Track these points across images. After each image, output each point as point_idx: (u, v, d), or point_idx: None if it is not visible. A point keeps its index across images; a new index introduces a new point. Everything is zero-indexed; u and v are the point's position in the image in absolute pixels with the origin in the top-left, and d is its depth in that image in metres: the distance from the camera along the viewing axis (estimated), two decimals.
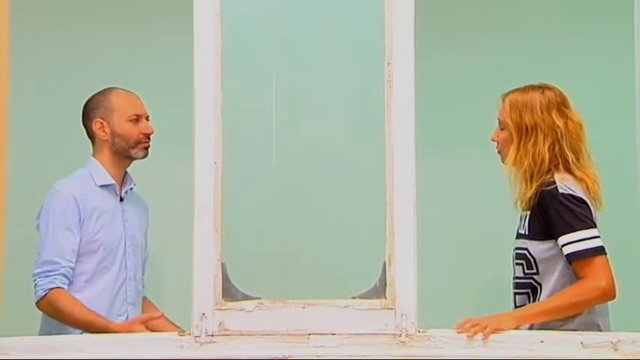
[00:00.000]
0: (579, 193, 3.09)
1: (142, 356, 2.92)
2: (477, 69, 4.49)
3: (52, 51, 4.48)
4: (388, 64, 2.99)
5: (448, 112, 4.45)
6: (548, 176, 3.12)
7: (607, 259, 3.06)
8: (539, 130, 3.15)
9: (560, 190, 3.08)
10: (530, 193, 3.12)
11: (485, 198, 3.71)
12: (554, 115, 3.16)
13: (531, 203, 3.13)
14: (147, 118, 3.55)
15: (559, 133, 3.15)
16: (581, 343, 2.95)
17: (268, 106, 3.45)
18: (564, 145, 3.15)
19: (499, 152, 3.27)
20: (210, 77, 2.99)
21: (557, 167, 3.14)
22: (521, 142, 3.16)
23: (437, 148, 4.22)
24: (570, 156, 3.14)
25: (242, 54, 3.32)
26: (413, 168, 2.96)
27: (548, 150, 3.14)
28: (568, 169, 3.14)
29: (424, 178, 3.01)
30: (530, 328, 3.07)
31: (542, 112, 3.16)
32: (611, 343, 2.96)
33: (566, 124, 3.17)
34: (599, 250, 3.05)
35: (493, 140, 3.28)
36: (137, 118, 3.51)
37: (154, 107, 3.61)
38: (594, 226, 3.07)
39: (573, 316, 3.08)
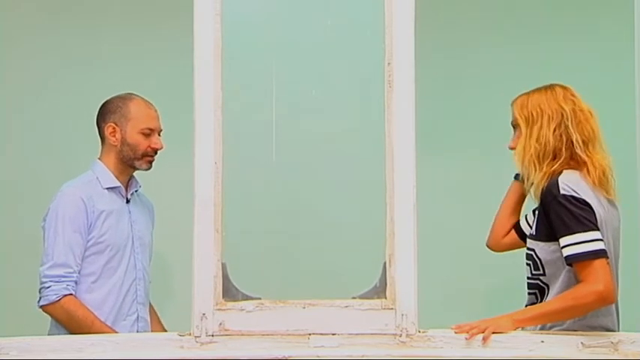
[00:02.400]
0: (582, 193, 3.06)
1: (142, 356, 2.92)
2: (477, 69, 4.49)
3: (53, 52, 4.48)
4: (388, 64, 2.99)
5: (449, 112, 4.45)
6: (555, 166, 3.09)
7: (607, 263, 3.01)
8: (544, 114, 3.12)
9: (562, 192, 3.05)
10: (539, 177, 3.09)
11: (486, 198, 3.71)
12: (561, 100, 3.15)
13: (539, 195, 3.10)
14: (159, 133, 3.55)
15: (565, 116, 3.12)
16: (582, 343, 2.95)
17: (268, 106, 3.45)
18: (570, 126, 3.11)
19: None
20: (210, 77, 2.98)
21: (560, 152, 3.10)
22: (529, 130, 3.14)
23: (437, 148, 4.22)
24: (576, 136, 3.10)
25: (242, 54, 3.32)
26: (413, 168, 2.96)
27: (554, 132, 3.11)
28: (573, 153, 3.11)
29: (424, 178, 3.01)
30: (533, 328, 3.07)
31: (548, 100, 3.15)
32: (612, 343, 2.96)
33: (573, 109, 3.14)
34: (599, 253, 3.00)
35: (511, 149, 3.24)
36: (150, 132, 3.52)
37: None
38: (596, 228, 3.02)
39: (574, 320, 3.07)
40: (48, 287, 3.37)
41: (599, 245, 3.01)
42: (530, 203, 3.24)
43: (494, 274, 3.60)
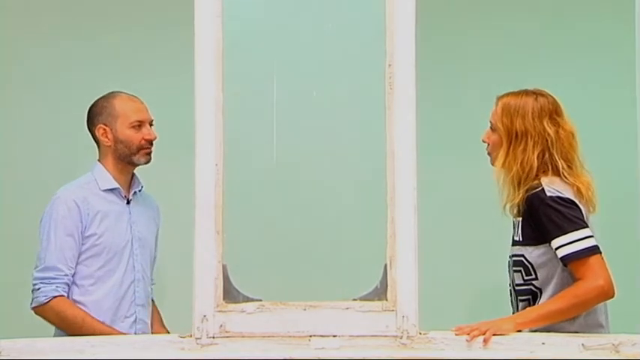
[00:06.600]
0: (568, 194, 3.09)
1: (143, 358, 2.92)
2: (478, 70, 4.49)
3: (56, 54, 4.48)
4: (389, 65, 2.99)
5: (449, 113, 4.45)
6: (535, 181, 3.12)
7: (602, 258, 3.05)
8: (529, 136, 3.15)
9: (548, 194, 3.08)
10: (518, 198, 3.13)
11: (487, 200, 3.70)
12: (546, 122, 3.16)
13: (521, 209, 3.13)
14: (150, 124, 3.54)
15: (549, 141, 3.15)
16: (583, 345, 2.95)
17: (269, 108, 3.46)
18: (554, 153, 3.14)
19: (489, 154, 3.28)
20: (211, 79, 2.98)
21: (545, 174, 3.14)
22: (511, 147, 3.17)
23: (438, 150, 4.22)
24: (561, 163, 3.14)
25: (243, 56, 3.33)
26: (414, 170, 2.96)
27: (538, 157, 3.14)
28: (558, 176, 3.14)
29: (425, 180, 3.01)
30: (532, 330, 3.07)
31: (533, 119, 3.16)
32: (613, 345, 2.96)
33: (557, 132, 3.16)
34: (593, 250, 3.04)
35: (483, 142, 3.28)
36: (140, 124, 3.50)
37: (155, 109, 3.61)
38: (586, 226, 3.06)
39: (573, 318, 3.08)
40: (38, 289, 3.38)
41: (593, 242, 3.05)
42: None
43: (495, 275, 3.58)
